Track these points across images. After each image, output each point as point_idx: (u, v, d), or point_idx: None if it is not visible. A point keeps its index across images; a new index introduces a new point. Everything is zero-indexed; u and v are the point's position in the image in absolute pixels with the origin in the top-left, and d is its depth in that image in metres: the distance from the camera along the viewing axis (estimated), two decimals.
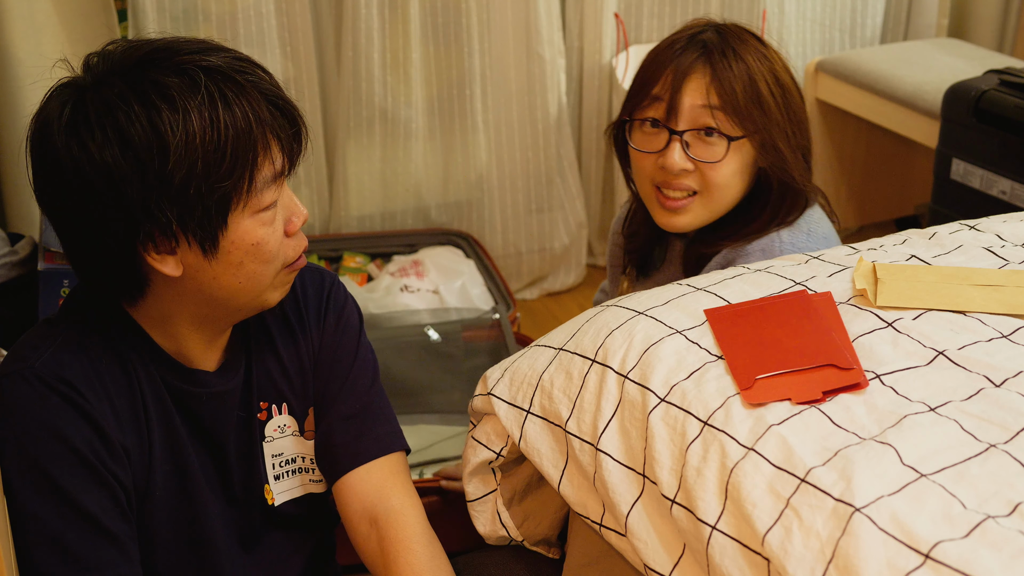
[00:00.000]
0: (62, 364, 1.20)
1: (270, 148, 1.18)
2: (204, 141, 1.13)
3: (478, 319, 2.57)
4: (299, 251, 1.26)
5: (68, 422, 1.19)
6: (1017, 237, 1.50)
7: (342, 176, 2.94)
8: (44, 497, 1.18)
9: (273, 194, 1.20)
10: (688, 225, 1.63)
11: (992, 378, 1.19)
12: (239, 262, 1.20)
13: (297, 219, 1.24)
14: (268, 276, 1.23)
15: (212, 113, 1.14)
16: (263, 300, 1.26)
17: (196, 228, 1.16)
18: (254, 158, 1.17)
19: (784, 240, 1.61)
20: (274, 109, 1.19)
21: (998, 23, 3.38)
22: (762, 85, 1.57)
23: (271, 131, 1.18)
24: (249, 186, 1.17)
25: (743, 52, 1.58)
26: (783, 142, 1.58)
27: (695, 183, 1.59)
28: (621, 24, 3.03)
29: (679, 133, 1.57)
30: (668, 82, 1.58)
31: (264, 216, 1.20)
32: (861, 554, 1.00)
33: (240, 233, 1.19)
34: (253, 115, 1.16)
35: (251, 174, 1.17)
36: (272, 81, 1.21)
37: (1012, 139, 2.47)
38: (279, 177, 1.21)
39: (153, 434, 1.26)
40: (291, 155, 1.22)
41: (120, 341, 1.25)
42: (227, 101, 1.15)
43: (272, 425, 1.37)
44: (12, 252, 2.26)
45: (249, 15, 2.69)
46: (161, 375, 1.27)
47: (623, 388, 1.27)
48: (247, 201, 1.18)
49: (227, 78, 1.16)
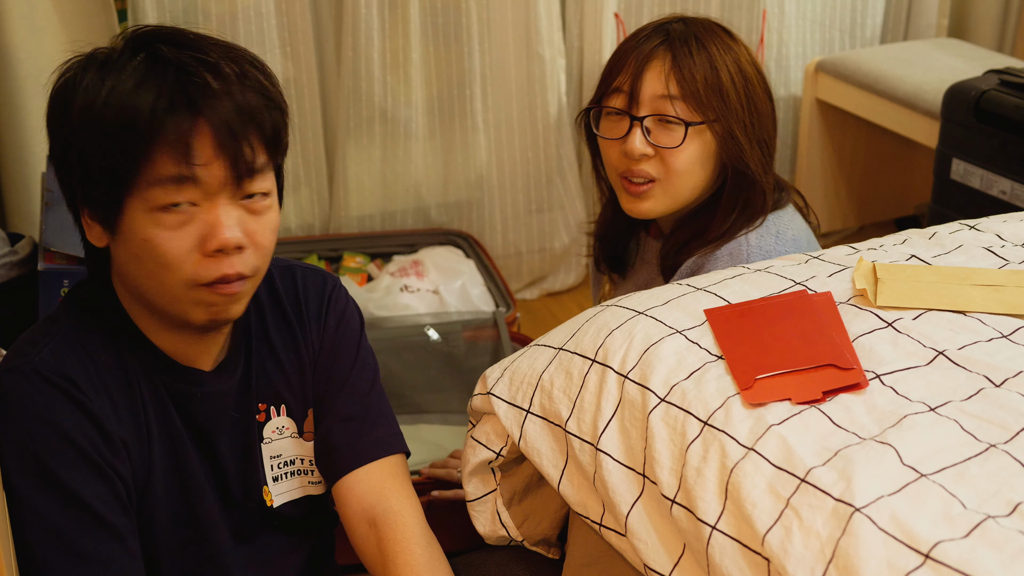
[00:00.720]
0: (61, 360, 1.21)
1: (158, 148, 1.13)
2: (100, 113, 1.14)
3: (478, 319, 2.57)
4: (217, 274, 1.18)
5: (67, 416, 1.19)
6: (1017, 237, 1.50)
7: (342, 176, 2.94)
8: (44, 491, 1.18)
9: (171, 195, 1.15)
10: (651, 211, 1.64)
11: (992, 378, 1.19)
12: (137, 255, 1.18)
13: (213, 240, 1.16)
14: (174, 285, 1.18)
15: (120, 90, 1.14)
16: (184, 313, 1.22)
17: (94, 202, 1.18)
18: (144, 148, 1.13)
19: (752, 243, 1.61)
20: (188, 114, 1.14)
21: (998, 23, 3.38)
22: (723, 74, 1.59)
23: (164, 131, 1.13)
24: (135, 177, 1.14)
25: (706, 41, 1.60)
26: (741, 132, 1.59)
27: (655, 170, 1.61)
28: (621, 24, 3.03)
29: (639, 119, 1.59)
30: (630, 70, 1.60)
31: (161, 217, 1.15)
32: (861, 554, 1.00)
33: (134, 224, 1.16)
34: (153, 107, 1.12)
35: (136, 164, 1.14)
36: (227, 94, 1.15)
37: (1012, 139, 2.47)
38: (179, 182, 1.14)
39: (152, 430, 1.26)
40: (190, 165, 1.14)
41: (118, 338, 1.26)
42: (139, 86, 1.13)
43: (271, 427, 1.37)
44: (12, 252, 2.26)
45: (249, 15, 2.69)
46: (157, 373, 1.27)
47: (623, 388, 1.27)
48: (136, 193, 1.15)
49: (162, 69, 1.15)
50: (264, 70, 1.22)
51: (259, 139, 1.19)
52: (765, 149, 1.64)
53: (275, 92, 1.22)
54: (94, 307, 1.27)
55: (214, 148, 1.15)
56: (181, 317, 1.23)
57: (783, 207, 1.67)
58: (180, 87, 1.14)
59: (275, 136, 1.21)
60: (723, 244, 1.62)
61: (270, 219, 1.22)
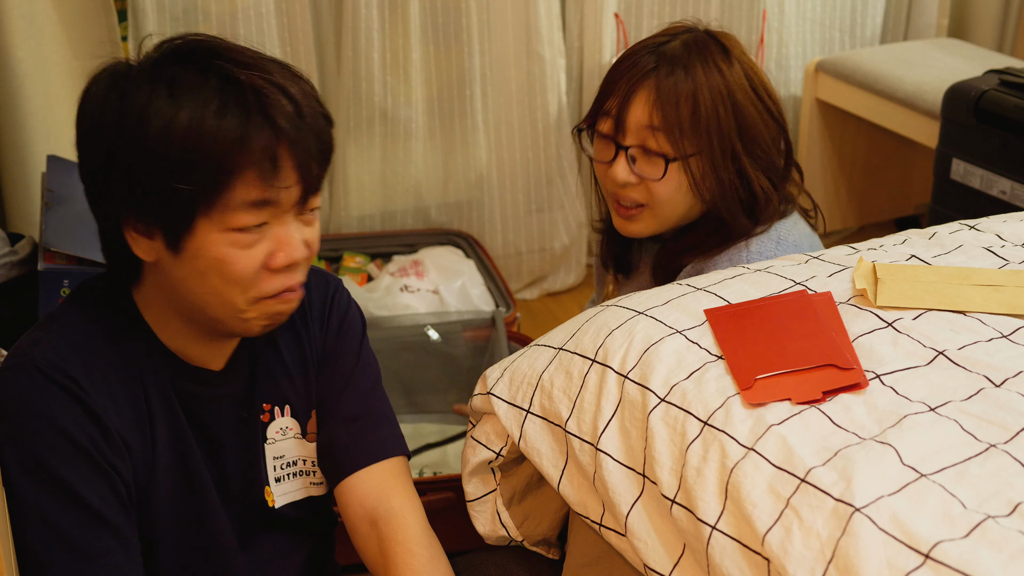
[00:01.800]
0: (63, 357, 1.21)
1: (247, 173, 1.15)
2: (181, 139, 1.13)
3: (478, 319, 2.57)
4: (282, 288, 1.22)
5: (67, 414, 1.19)
6: (1017, 237, 1.50)
7: (342, 176, 2.94)
8: (44, 489, 1.18)
9: (251, 218, 1.17)
10: (641, 232, 1.64)
11: (992, 378, 1.19)
12: (203, 272, 1.19)
13: (283, 255, 1.20)
14: (237, 299, 1.21)
15: (201, 116, 1.13)
16: (243, 325, 1.24)
17: (161, 219, 1.17)
18: (226, 175, 1.14)
19: (752, 250, 1.60)
20: (273, 139, 1.15)
21: (998, 23, 3.39)
22: (707, 105, 1.55)
23: (254, 158, 1.15)
24: (215, 200, 1.15)
25: (695, 66, 1.56)
26: (732, 160, 1.57)
27: (641, 196, 1.60)
28: (621, 24, 3.03)
29: (625, 148, 1.59)
30: (619, 95, 1.59)
31: (237, 237, 1.17)
32: (861, 554, 1.00)
33: (206, 243, 1.17)
34: (241, 134, 1.14)
35: (219, 189, 1.15)
36: (297, 113, 1.17)
37: (1012, 139, 2.47)
38: (263, 206, 1.17)
39: (156, 429, 1.26)
40: (277, 188, 1.17)
41: (125, 337, 1.26)
42: (222, 111, 1.14)
43: (274, 427, 1.37)
44: (12, 252, 2.26)
45: (249, 15, 2.69)
46: (166, 372, 1.27)
47: (623, 388, 1.27)
48: (215, 215, 1.16)
49: (238, 92, 1.15)
50: (312, 87, 1.24)
51: (320, 155, 1.21)
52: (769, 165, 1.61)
53: (326, 110, 1.24)
54: (101, 304, 1.27)
55: (295, 170, 1.18)
56: (237, 329, 1.25)
57: (788, 215, 1.66)
58: (261, 111, 1.15)
59: (330, 151, 1.24)
60: (722, 251, 1.62)
61: (318, 228, 1.26)
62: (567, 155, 3.07)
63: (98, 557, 1.19)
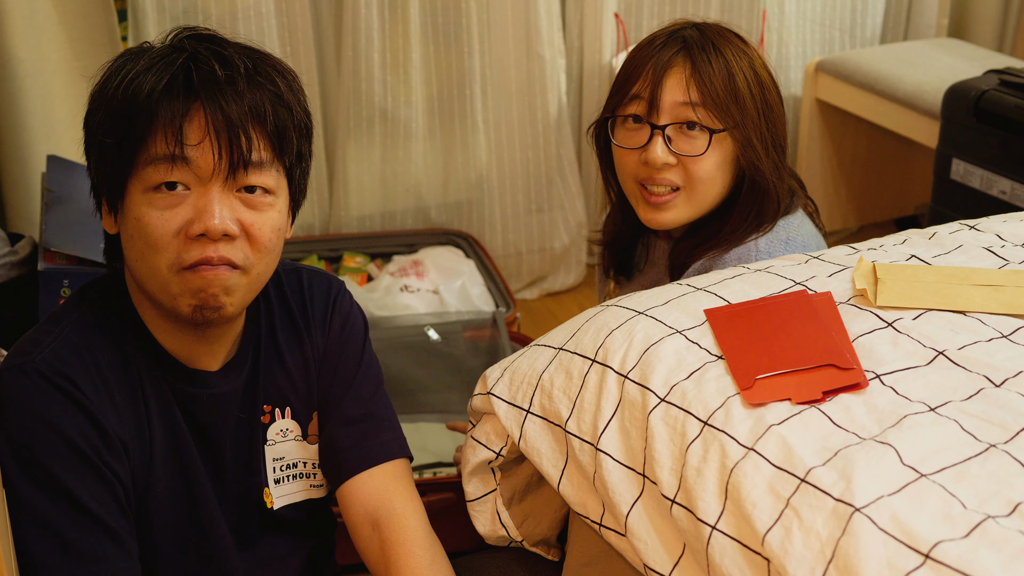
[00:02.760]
0: (62, 359, 1.21)
1: (154, 127, 1.18)
2: (113, 94, 1.19)
3: (478, 319, 2.57)
4: (198, 258, 1.19)
5: (65, 416, 1.19)
6: (1017, 237, 1.50)
7: (342, 176, 2.94)
8: (42, 491, 1.18)
9: (162, 175, 1.18)
10: (673, 221, 1.63)
11: (992, 378, 1.19)
12: (131, 235, 1.21)
13: (198, 224, 1.18)
14: (160, 268, 1.20)
15: (134, 73, 1.19)
16: (173, 301, 1.22)
17: (104, 184, 1.23)
18: (143, 128, 1.17)
19: (761, 248, 1.60)
20: (186, 97, 1.18)
21: (998, 23, 3.38)
22: (740, 80, 1.58)
23: (163, 111, 1.17)
24: (136, 157, 1.19)
25: (722, 47, 1.59)
26: (757, 138, 1.59)
27: (678, 178, 1.60)
28: (621, 24, 3.03)
29: (661, 128, 1.58)
30: (649, 78, 1.58)
31: (153, 197, 1.19)
32: (861, 554, 1.00)
33: (131, 204, 1.20)
34: (154, 88, 1.17)
35: (137, 143, 1.18)
36: (231, 84, 1.19)
37: (1012, 139, 2.47)
38: (177, 163, 1.17)
39: (154, 431, 1.26)
40: (180, 145, 1.18)
41: (124, 338, 1.26)
42: (149, 68, 1.19)
43: (275, 429, 1.37)
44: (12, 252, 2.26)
45: (249, 15, 2.69)
46: (163, 373, 1.27)
47: (623, 388, 1.27)
48: (137, 174, 1.19)
49: (175, 58, 1.19)
50: (287, 76, 1.25)
51: (261, 133, 1.20)
52: (780, 153, 1.63)
53: (289, 95, 1.24)
54: (101, 306, 1.27)
55: (207, 132, 1.18)
56: (171, 307, 1.23)
57: (793, 211, 1.66)
58: (184, 72, 1.18)
59: (279, 133, 1.22)
60: (732, 248, 1.62)
61: (270, 217, 1.23)
62: (567, 155, 3.07)
63: (96, 561, 1.19)
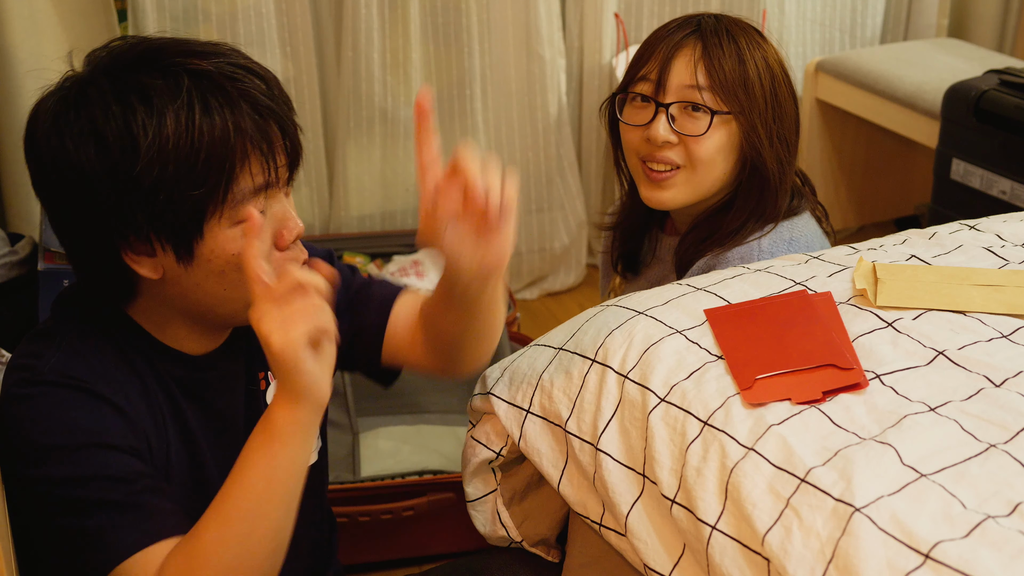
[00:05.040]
0: (70, 367, 1.18)
1: (249, 160, 1.14)
2: (177, 146, 1.10)
3: None
4: (283, 265, 1.18)
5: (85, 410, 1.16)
6: (1017, 237, 1.51)
7: (342, 176, 2.94)
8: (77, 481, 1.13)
9: (260, 204, 1.16)
10: (672, 200, 1.64)
11: (992, 378, 1.19)
12: (220, 271, 1.17)
13: (288, 233, 1.19)
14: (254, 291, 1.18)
15: (189, 118, 1.11)
16: (247, 315, 1.20)
17: (169, 234, 1.14)
18: (230, 169, 1.13)
19: (764, 248, 1.61)
20: (261, 120, 1.15)
21: (998, 23, 3.38)
22: (751, 68, 1.60)
23: (252, 143, 1.14)
24: (224, 197, 1.13)
25: (737, 35, 1.61)
26: (763, 127, 1.60)
27: (679, 157, 1.61)
28: (621, 24, 3.03)
29: (665, 106, 1.59)
30: (659, 58, 1.61)
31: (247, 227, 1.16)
32: (861, 554, 1.00)
33: (219, 243, 1.15)
34: (233, 124, 1.12)
35: (226, 185, 1.13)
36: (269, 91, 1.17)
37: (1012, 139, 2.47)
38: (264, 189, 1.16)
39: (168, 430, 1.24)
40: (276, 168, 1.17)
41: (121, 343, 1.23)
42: (207, 108, 1.12)
43: (270, 393, 1.36)
44: (12, 252, 2.26)
45: (249, 15, 2.69)
46: (166, 370, 1.26)
47: (623, 388, 1.27)
48: (224, 212, 1.14)
49: (214, 84, 1.13)
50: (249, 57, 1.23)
51: (295, 126, 1.21)
52: (786, 148, 1.64)
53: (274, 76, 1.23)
54: (92, 318, 1.24)
55: (284, 146, 1.18)
56: (241, 320, 1.21)
57: (799, 214, 1.67)
58: (243, 96, 1.14)
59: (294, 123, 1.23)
60: (735, 246, 1.62)
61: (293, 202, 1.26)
62: (567, 155, 3.07)
63: (154, 509, 1.15)
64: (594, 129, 3.14)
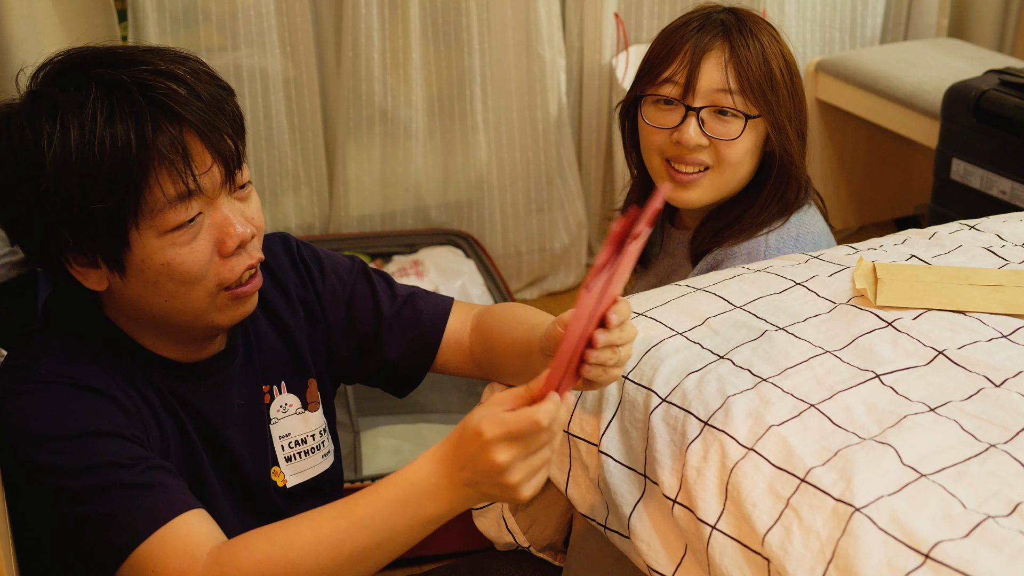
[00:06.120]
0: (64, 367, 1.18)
1: (156, 171, 1.10)
2: (82, 158, 1.09)
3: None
4: (238, 272, 1.18)
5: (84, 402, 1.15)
6: (1017, 237, 1.51)
7: (342, 176, 2.94)
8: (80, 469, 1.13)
9: (182, 214, 1.13)
10: (697, 200, 1.64)
11: (992, 378, 1.19)
12: (155, 281, 1.16)
13: (231, 240, 1.16)
14: (199, 298, 1.17)
15: (91, 130, 1.09)
16: (209, 321, 1.20)
17: (96, 247, 1.13)
18: (137, 179, 1.10)
19: (771, 244, 1.61)
20: (175, 129, 1.11)
21: (998, 23, 3.38)
22: (775, 65, 1.60)
23: (159, 153, 1.10)
24: (138, 208, 1.11)
25: (758, 32, 1.61)
26: (789, 124, 1.61)
27: (709, 158, 1.61)
28: (621, 24, 3.03)
29: (696, 110, 1.59)
30: (686, 59, 1.59)
31: (176, 236, 1.14)
32: (861, 554, 1.00)
33: (147, 252, 1.13)
34: (137, 135, 1.09)
35: (136, 196, 1.10)
36: (190, 99, 1.12)
37: (1012, 139, 2.47)
38: (187, 198, 1.13)
39: (167, 434, 1.24)
40: (194, 176, 1.12)
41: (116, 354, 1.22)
42: (111, 119, 1.09)
43: (275, 406, 1.36)
44: (12, 252, 2.26)
45: (249, 15, 2.69)
46: (160, 378, 1.25)
47: (623, 388, 1.27)
48: (141, 223, 1.12)
49: (125, 95, 1.10)
50: (202, 62, 1.19)
51: (232, 128, 1.17)
52: (803, 141, 1.65)
53: (222, 80, 1.20)
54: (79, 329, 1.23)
55: (207, 151, 1.14)
56: (206, 327, 1.21)
57: (805, 206, 1.67)
58: (154, 104, 1.11)
59: (240, 120, 1.20)
60: (744, 241, 1.62)
61: (256, 200, 1.23)
62: (567, 155, 3.07)
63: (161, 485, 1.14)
64: (594, 129, 3.14)
